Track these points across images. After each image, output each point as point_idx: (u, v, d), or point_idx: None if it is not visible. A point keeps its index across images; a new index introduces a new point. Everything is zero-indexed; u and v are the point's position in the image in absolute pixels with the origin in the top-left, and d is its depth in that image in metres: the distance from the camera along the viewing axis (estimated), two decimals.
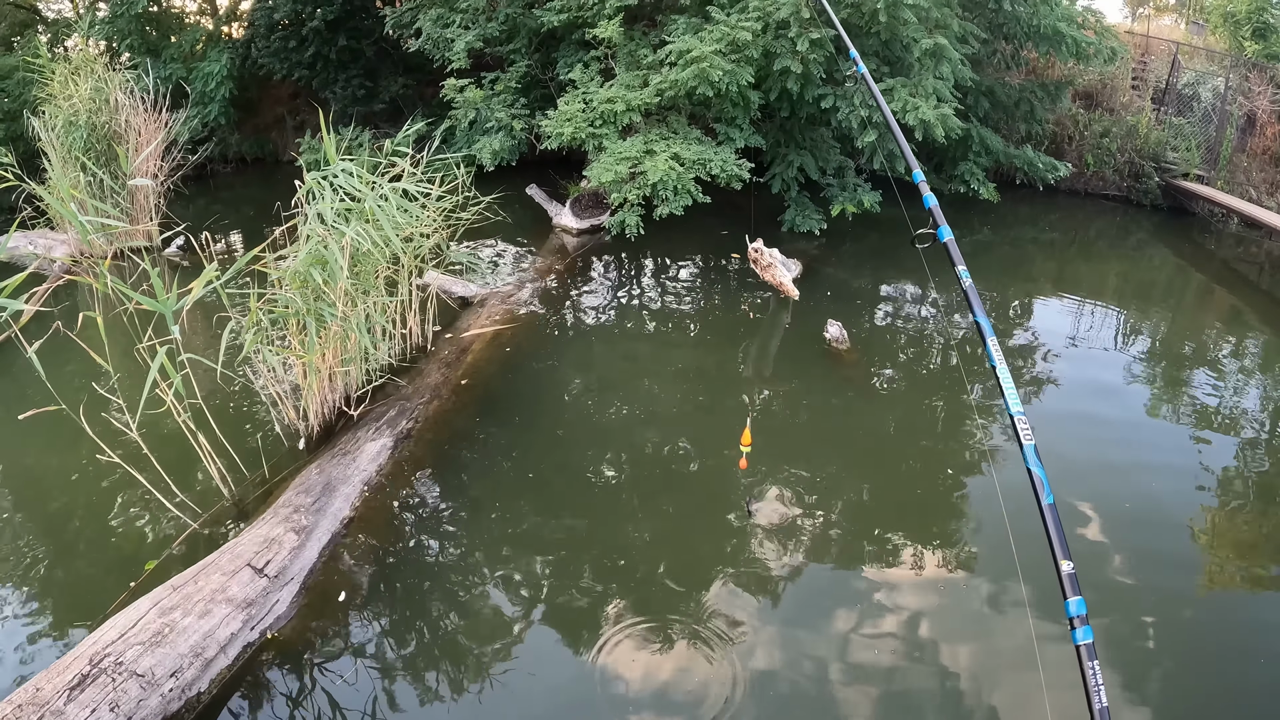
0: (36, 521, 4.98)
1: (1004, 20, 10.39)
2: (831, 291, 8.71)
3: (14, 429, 5.36)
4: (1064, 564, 1.67)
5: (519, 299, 7.98)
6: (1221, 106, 14.54)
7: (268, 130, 16.11)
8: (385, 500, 4.97)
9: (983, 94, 11.52)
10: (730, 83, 8.69)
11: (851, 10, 8.92)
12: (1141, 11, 29.36)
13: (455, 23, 11.16)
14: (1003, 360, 2.22)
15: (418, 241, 6.55)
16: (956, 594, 4.42)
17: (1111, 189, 14.51)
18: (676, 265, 9.54)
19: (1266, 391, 7.45)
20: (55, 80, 10.36)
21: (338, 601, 4.21)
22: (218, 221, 11.15)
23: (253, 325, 5.11)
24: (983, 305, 2.80)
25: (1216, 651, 4.22)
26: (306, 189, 5.47)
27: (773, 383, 6.90)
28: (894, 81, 9.10)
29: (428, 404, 5.88)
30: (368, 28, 14.07)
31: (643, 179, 8.45)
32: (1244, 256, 12.28)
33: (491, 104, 10.67)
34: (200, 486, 5.03)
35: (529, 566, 4.58)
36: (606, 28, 9.60)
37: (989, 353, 2.32)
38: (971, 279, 2.84)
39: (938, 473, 5.60)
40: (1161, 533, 5.13)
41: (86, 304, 6.99)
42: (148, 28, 14.63)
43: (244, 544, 4.25)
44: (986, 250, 11.52)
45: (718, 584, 4.45)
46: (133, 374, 5.02)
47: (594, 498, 5.29)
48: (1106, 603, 4.37)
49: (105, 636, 3.48)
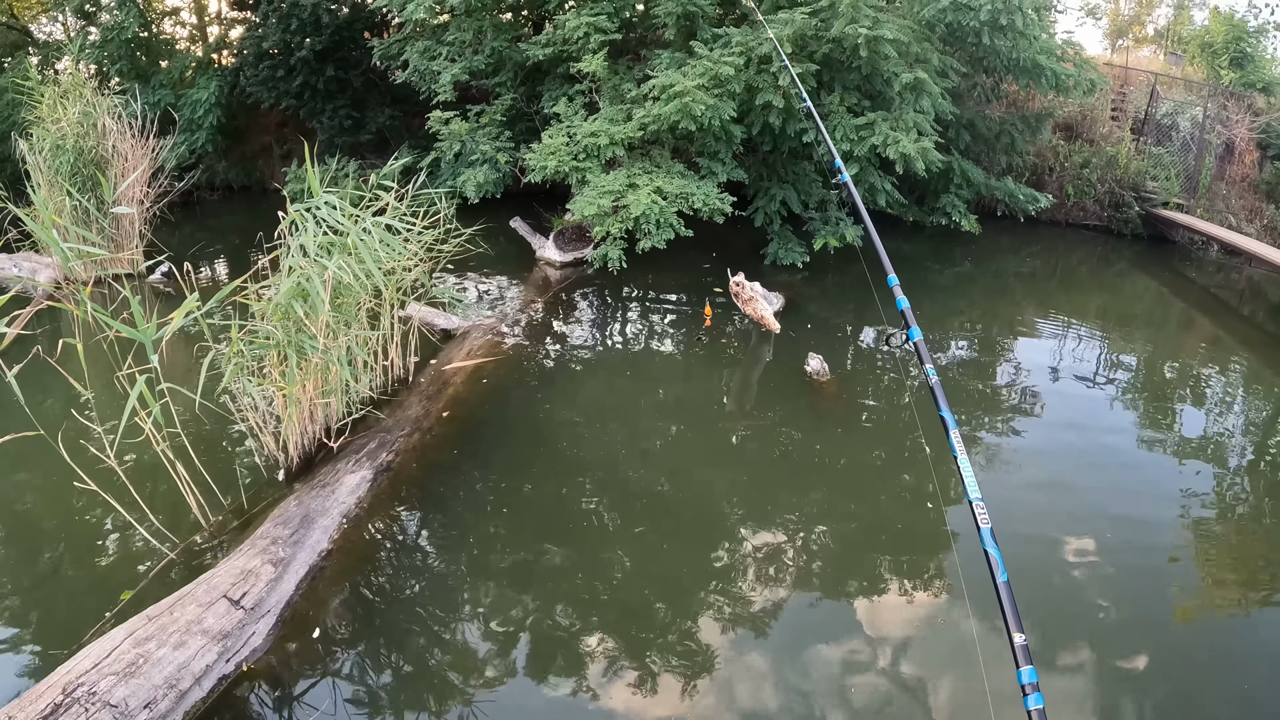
0: (11, 547, 4.94)
1: (984, 54, 10.53)
2: (813, 325, 8.77)
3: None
4: (1017, 636, 1.77)
5: (501, 332, 8.01)
6: (1200, 135, 14.79)
7: (255, 158, 16.16)
8: (364, 533, 4.95)
9: (964, 127, 11.68)
10: (713, 117, 8.80)
11: (833, 45, 9.07)
12: (1121, 43, 29.83)
13: (442, 55, 11.29)
14: (964, 451, 2.31)
15: (400, 274, 6.58)
16: (933, 627, 4.43)
17: (1092, 219, 14.71)
18: (659, 298, 9.59)
19: (1249, 416, 7.55)
20: (44, 103, 10.38)
21: (315, 635, 4.19)
22: (203, 249, 11.19)
23: (233, 356, 5.12)
24: (947, 400, 2.89)
25: (1205, 676, 4.26)
26: (290, 220, 5.50)
27: (754, 415, 6.93)
28: (875, 115, 9.24)
29: (408, 436, 5.88)
30: (355, 59, 14.16)
31: (625, 212, 8.52)
32: (1224, 283, 12.47)
33: (476, 136, 10.77)
34: (178, 516, 4.99)
35: (509, 599, 4.57)
36: (591, 62, 9.72)
37: (951, 444, 2.41)
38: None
39: (918, 506, 5.62)
40: (1146, 559, 5.19)
41: (68, 329, 6.99)
42: (138, 53, 14.73)
43: (220, 575, 4.23)
44: (969, 282, 11.64)
45: (699, 615, 4.45)
46: (112, 401, 5.02)
47: (575, 530, 5.28)
48: (1094, 631, 4.41)
49: (79, 666, 3.45)
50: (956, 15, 9.37)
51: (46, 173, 9.87)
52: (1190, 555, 5.35)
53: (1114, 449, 6.69)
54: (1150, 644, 4.44)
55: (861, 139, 9.17)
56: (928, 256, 12.22)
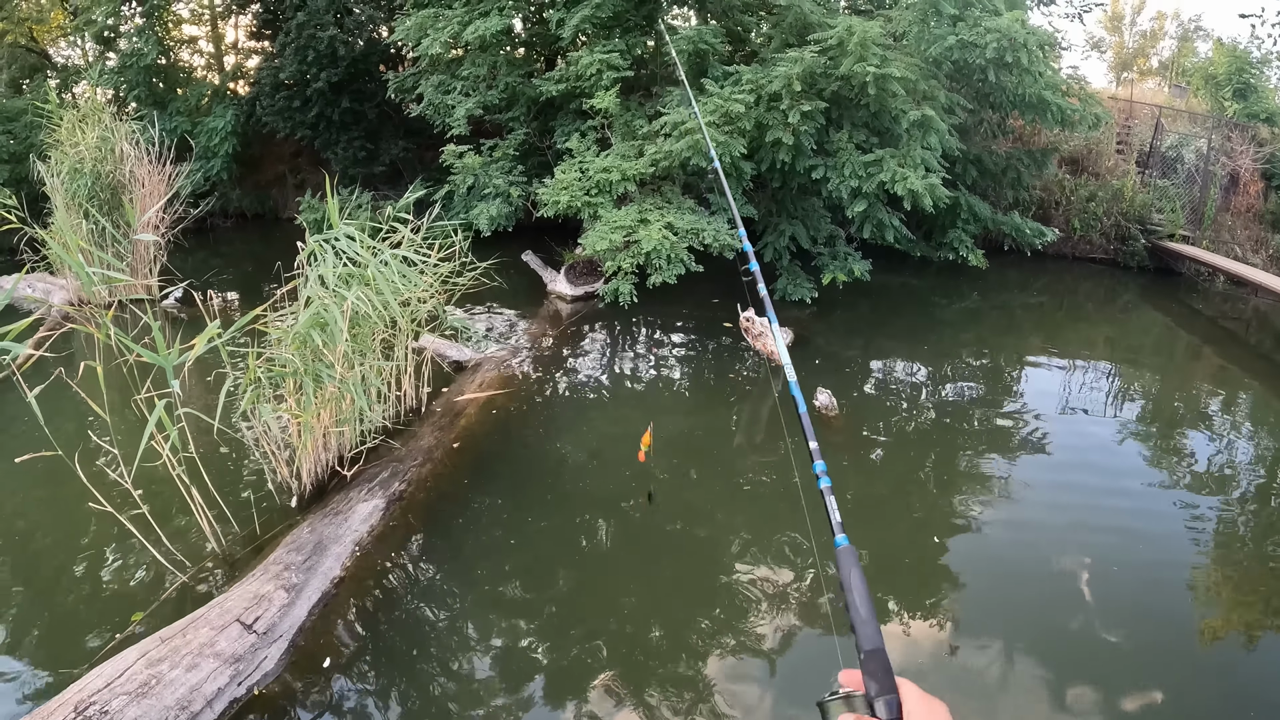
0: (26, 565, 5.00)
1: (990, 90, 10.69)
2: (822, 360, 8.83)
3: (9, 471, 5.39)
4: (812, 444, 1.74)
5: (513, 364, 8.07)
6: (1205, 167, 14.90)
7: (269, 187, 16.37)
8: (376, 561, 4.99)
9: (970, 162, 11.82)
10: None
11: (841, 84, 9.20)
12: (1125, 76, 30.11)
13: (456, 89, 11.47)
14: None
15: (415, 306, 6.66)
16: (942, 658, 4.45)
17: (1098, 252, 14.80)
18: (669, 333, 9.66)
19: (1259, 447, 7.56)
20: (63, 126, 10.53)
21: (326, 660, 4.22)
22: (216, 276, 11.29)
23: (251, 383, 5.19)
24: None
25: (1216, 705, 4.27)
26: (309, 251, 5.59)
27: (762, 450, 6.96)
28: (883, 152, 9.36)
29: (420, 466, 5.92)
30: (370, 91, 14.39)
31: (636, 248, 8.62)
32: (1231, 314, 12.52)
33: (490, 170, 10.91)
34: (192, 540, 5.05)
35: (518, 631, 4.60)
36: (603, 98, 9.86)
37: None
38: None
39: (925, 540, 5.64)
40: (1157, 591, 5.19)
41: (83, 352, 7.07)
42: (155, 80, 15.01)
43: (234, 599, 4.27)
44: (976, 317, 11.70)
45: (709, 652, 4.46)
46: (129, 423, 5.08)
47: (585, 563, 5.31)
48: (1104, 662, 4.41)
49: (91, 685, 3.49)
50: (963, 53, 9.51)
51: (64, 195, 10.01)
52: (1201, 585, 5.36)
53: (1123, 480, 6.71)
54: (1160, 675, 4.44)
55: (870, 175, 9.28)
56: (935, 291, 12.30)
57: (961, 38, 9.42)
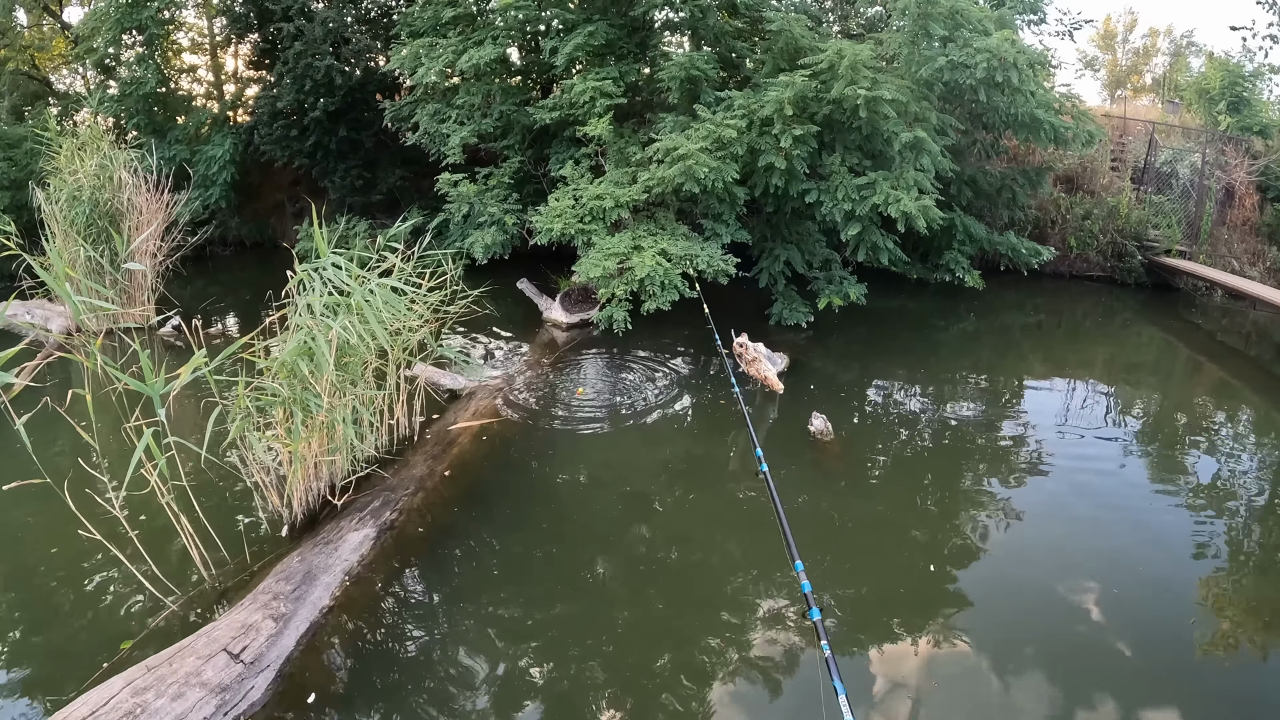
0: (13, 593, 4.97)
1: (983, 110, 10.73)
2: (817, 385, 8.80)
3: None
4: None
5: (507, 392, 8.04)
6: (1199, 181, 14.93)
7: (267, 215, 16.45)
8: (367, 590, 4.96)
9: (965, 183, 11.83)
10: (716, 179, 8.95)
11: (834, 107, 9.24)
12: (1119, 93, 30.25)
13: (451, 118, 11.55)
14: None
15: (405, 335, 6.66)
16: (947, 680, 4.40)
17: (1095, 270, 14.80)
18: (663, 359, 9.63)
19: (1261, 462, 7.54)
20: (62, 154, 10.59)
21: (314, 691, 4.18)
22: (214, 304, 11.32)
23: (239, 412, 5.18)
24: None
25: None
26: (297, 280, 5.60)
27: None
28: (876, 175, 9.38)
29: (412, 495, 5.90)
30: (367, 120, 14.47)
31: (630, 274, 8.64)
32: (1229, 327, 12.51)
33: (485, 198, 10.97)
34: (180, 568, 5.03)
35: (510, 661, 4.56)
36: (597, 125, 9.92)
37: None
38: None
39: (921, 565, 5.60)
40: (1163, 608, 5.17)
41: (78, 378, 7.07)
42: (155, 108, 15.11)
43: (221, 629, 4.25)
44: (974, 338, 11.68)
45: (705, 680, 4.42)
46: (119, 452, 5.07)
47: (578, 591, 5.27)
48: (1112, 680, 4.40)
49: (76, 713, 3.48)
50: (953, 74, 9.55)
51: (62, 223, 10.05)
52: (1207, 602, 5.32)
53: (1126, 497, 6.68)
54: (1168, 693, 4.43)
55: (863, 198, 9.29)
56: (932, 313, 12.29)
57: (952, 58, 9.46)
